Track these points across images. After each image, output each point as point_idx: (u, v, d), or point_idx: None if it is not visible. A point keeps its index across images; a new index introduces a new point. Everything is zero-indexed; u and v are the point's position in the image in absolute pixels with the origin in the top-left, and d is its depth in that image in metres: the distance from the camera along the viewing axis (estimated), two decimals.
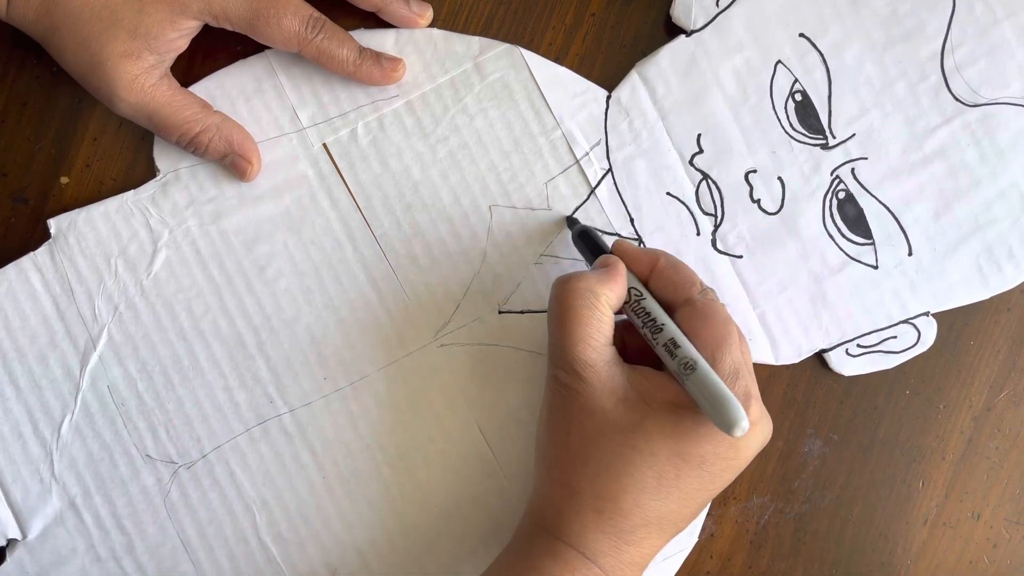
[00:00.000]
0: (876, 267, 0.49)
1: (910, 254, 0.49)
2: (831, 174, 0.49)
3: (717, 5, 0.49)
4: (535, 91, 0.49)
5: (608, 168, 0.49)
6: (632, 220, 0.49)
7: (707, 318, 0.42)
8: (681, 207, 0.49)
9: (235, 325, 0.49)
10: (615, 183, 0.49)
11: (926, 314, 0.49)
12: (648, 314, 0.43)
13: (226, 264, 0.49)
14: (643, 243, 0.49)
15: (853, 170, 0.49)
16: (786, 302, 0.49)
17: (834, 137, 0.49)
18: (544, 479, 0.43)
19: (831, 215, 0.49)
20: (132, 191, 0.49)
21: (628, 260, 0.44)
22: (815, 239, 0.49)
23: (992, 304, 0.50)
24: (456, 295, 0.49)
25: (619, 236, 0.49)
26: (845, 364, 0.50)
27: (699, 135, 0.49)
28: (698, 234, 0.49)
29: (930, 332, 0.49)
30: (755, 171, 0.49)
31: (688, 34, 0.49)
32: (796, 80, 0.49)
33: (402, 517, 0.49)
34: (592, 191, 0.49)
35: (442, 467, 0.49)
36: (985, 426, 0.50)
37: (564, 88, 0.49)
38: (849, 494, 0.50)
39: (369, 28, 0.49)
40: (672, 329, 0.42)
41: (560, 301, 0.43)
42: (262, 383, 0.49)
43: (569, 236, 0.48)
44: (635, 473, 0.40)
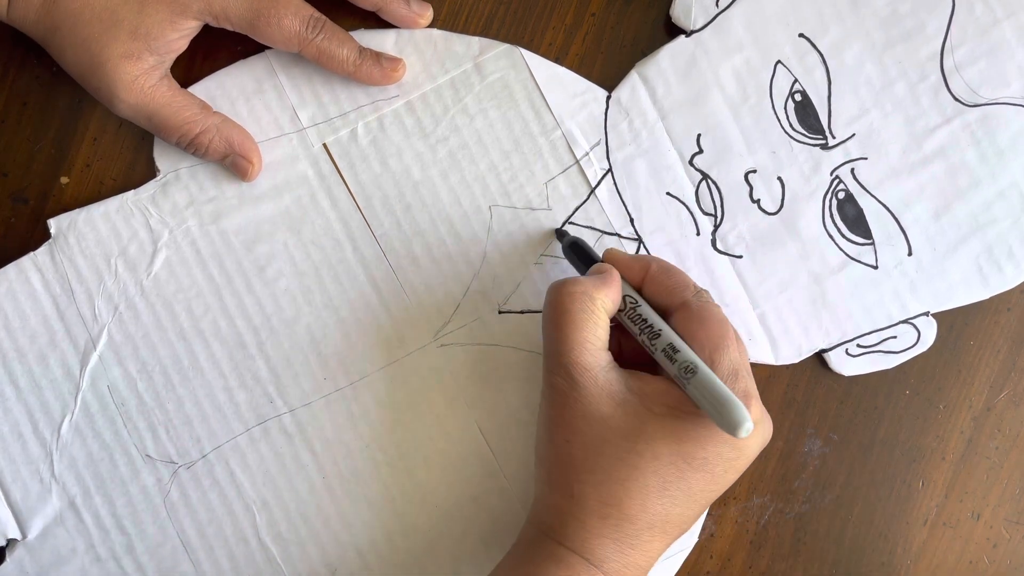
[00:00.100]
0: (876, 267, 0.49)
1: (910, 254, 0.49)
2: (831, 174, 0.49)
3: (717, 5, 0.49)
4: (535, 91, 0.49)
5: (608, 168, 0.49)
6: (632, 220, 0.49)
7: (703, 320, 0.42)
8: (681, 207, 0.49)
9: (235, 325, 0.49)
10: (615, 183, 0.49)
11: (926, 314, 0.49)
12: (645, 320, 0.42)
13: (226, 264, 0.49)
14: (643, 243, 0.49)
15: (853, 170, 0.49)
16: (786, 302, 0.49)
17: (834, 137, 0.49)
18: (545, 487, 0.43)
19: (831, 215, 0.49)
20: (132, 191, 0.49)
21: (620, 268, 0.44)
22: (815, 239, 0.49)
23: (992, 304, 0.50)
24: (456, 295, 0.49)
25: (619, 236, 0.49)
26: (845, 364, 0.50)
27: (699, 135, 0.49)
28: (698, 234, 0.49)
29: (930, 332, 0.49)
30: (755, 171, 0.49)
31: (688, 34, 0.49)
32: (796, 80, 0.49)
33: (402, 517, 0.49)
34: (592, 191, 0.49)
35: (442, 467, 0.49)
36: (985, 426, 0.50)
37: (564, 88, 0.49)
38: (849, 494, 0.50)
39: (369, 28, 0.49)
40: (670, 334, 0.42)
41: (556, 305, 0.42)
42: (262, 383, 0.49)
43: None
44: (639, 478, 0.40)
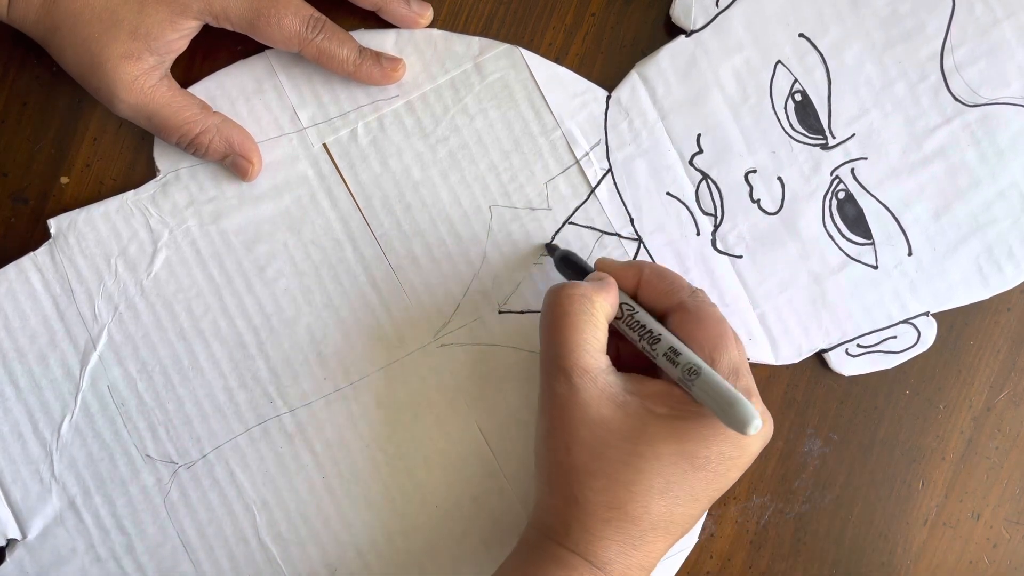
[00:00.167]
0: (876, 267, 0.49)
1: (910, 254, 0.49)
2: (831, 174, 0.49)
3: (717, 5, 0.49)
4: (535, 91, 0.49)
5: (608, 168, 0.49)
6: (632, 220, 0.49)
7: (700, 320, 0.42)
8: (681, 207, 0.49)
9: (235, 325, 0.49)
10: (615, 183, 0.49)
11: (926, 314, 0.49)
12: (643, 326, 0.42)
13: (226, 264, 0.49)
14: (643, 243, 0.49)
15: (853, 170, 0.49)
16: (786, 302, 0.49)
17: (834, 137, 0.49)
18: (546, 491, 0.43)
19: (831, 215, 0.49)
20: (132, 191, 0.49)
21: (613, 275, 0.44)
22: (815, 239, 0.49)
23: (992, 304, 0.50)
24: (456, 295, 0.49)
25: (619, 236, 0.49)
26: (845, 364, 0.50)
27: (699, 135, 0.49)
28: (698, 234, 0.49)
29: (930, 332, 0.49)
30: (755, 171, 0.49)
31: (688, 34, 0.49)
32: (796, 80, 0.49)
33: (402, 517, 0.48)
34: (592, 191, 0.49)
35: (442, 467, 0.49)
36: (985, 426, 0.50)
37: (564, 88, 0.49)
38: (849, 494, 0.50)
39: (369, 28, 0.49)
40: (669, 338, 0.42)
41: (554, 308, 0.42)
42: (262, 383, 0.49)
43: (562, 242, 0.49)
44: (642, 480, 0.40)
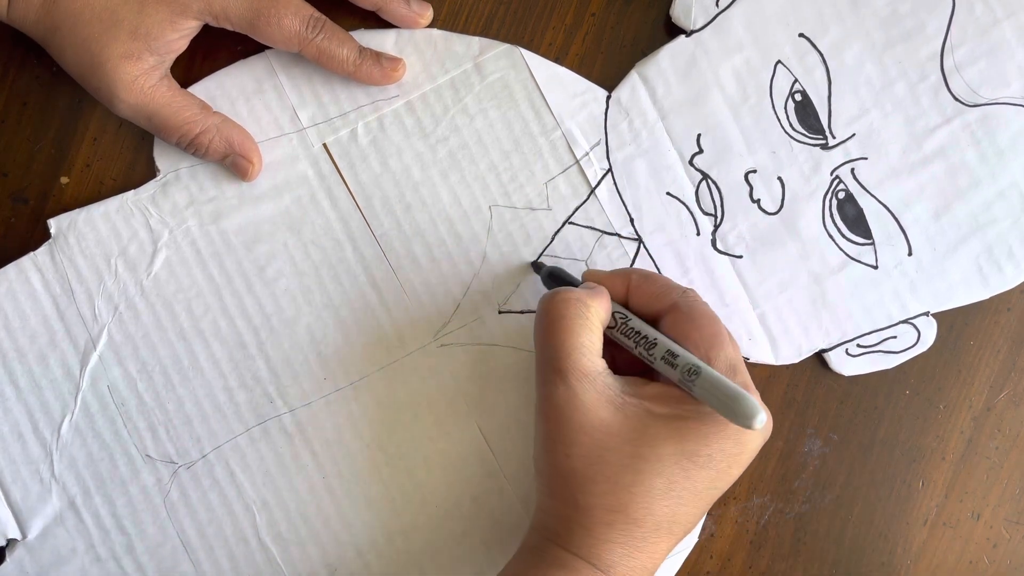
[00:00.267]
0: (876, 267, 0.49)
1: (910, 254, 0.49)
2: (831, 174, 0.49)
3: (717, 5, 0.49)
4: (535, 91, 0.49)
5: (608, 168, 0.49)
6: (632, 220, 0.49)
7: (694, 319, 0.42)
8: (681, 207, 0.49)
9: (235, 325, 0.49)
10: (615, 183, 0.49)
11: (926, 314, 0.49)
12: (638, 333, 0.42)
13: (226, 264, 0.49)
14: (643, 243, 0.49)
15: (853, 170, 0.49)
16: (786, 302, 0.49)
17: (834, 137, 0.49)
18: (548, 496, 0.43)
19: (831, 215, 0.49)
20: (132, 191, 0.49)
21: (602, 285, 0.44)
22: (815, 239, 0.49)
23: (992, 304, 0.50)
24: (456, 295, 0.49)
25: (619, 236, 0.49)
26: (845, 364, 0.50)
27: (699, 135, 0.49)
28: (698, 234, 0.49)
29: (930, 332, 0.49)
30: (755, 171, 0.49)
31: (688, 34, 0.49)
32: (796, 80, 0.49)
33: (402, 517, 0.48)
34: (592, 191, 0.49)
35: (442, 467, 0.49)
36: (985, 426, 0.50)
37: (564, 88, 0.49)
38: (849, 494, 0.50)
39: (369, 28, 0.49)
40: (665, 341, 0.42)
41: (550, 312, 0.42)
42: (262, 383, 0.49)
43: (558, 242, 0.49)
44: (644, 481, 0.40)
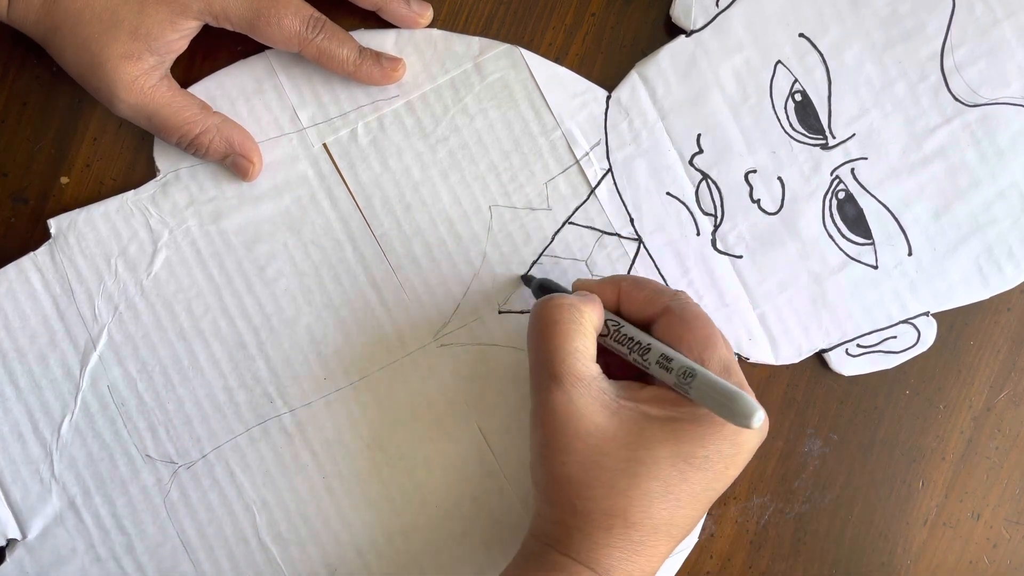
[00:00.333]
0: (876, 267, 0.49)
1: (910, 254, 0.49)
2: (831, 174, 0.49)
3: (717, 5, 0.49)
4: (535, 91, 0.49)
5: (608, 168, 0.49)
6: (632, 220, 0.49)
7: (686, 322, 0.42)
8: (681, 207, 0.49)
9: (235, 325, 0.49)
10: (615, 183, 0.49)
11: (926, 314, 0.49)
12: (631, 339, 0.43)
13: (226, 264, 0.49)
14: (643, 243, 0.49)
15: (853, 170, 0.49)
16: (786, 302, 0.49)
17: (834, 137, 0.49)
18: (545, 502, 0.42)
19: (831, 215, 0.49)
20: (132, 191, 0.49)
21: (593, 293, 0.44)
22: (815, 239, 0.49)
23: (992, 304, 0.50)
24: (456, 295, 0.49)
25: (619, 236, 0.49)
26: (845, 364, 0.50)
27: (699, 135, 0.49)
28: (698, 234, 0.49)
29: (930, 332, 0.49)
30: (755, 171, 0.49)
31: (688, 34, 0.49)
32: (796, 80, 0.49)
33: (402, 517, 0.49)
34: (592, 191, 0.49)
35: (442, 467, 0.49)
36: (985, 426, 0.50)
37: (564, 88, 0.49)
38: (849, 494, 0.50)
39: (369, 28, 0.49)
40: (659, 346, 0.42)
41: (544, 317, 0.42)
42: (262, 383, 0.49)
43: (556, 242, 0.49)
44: (641, 485, 0.40)
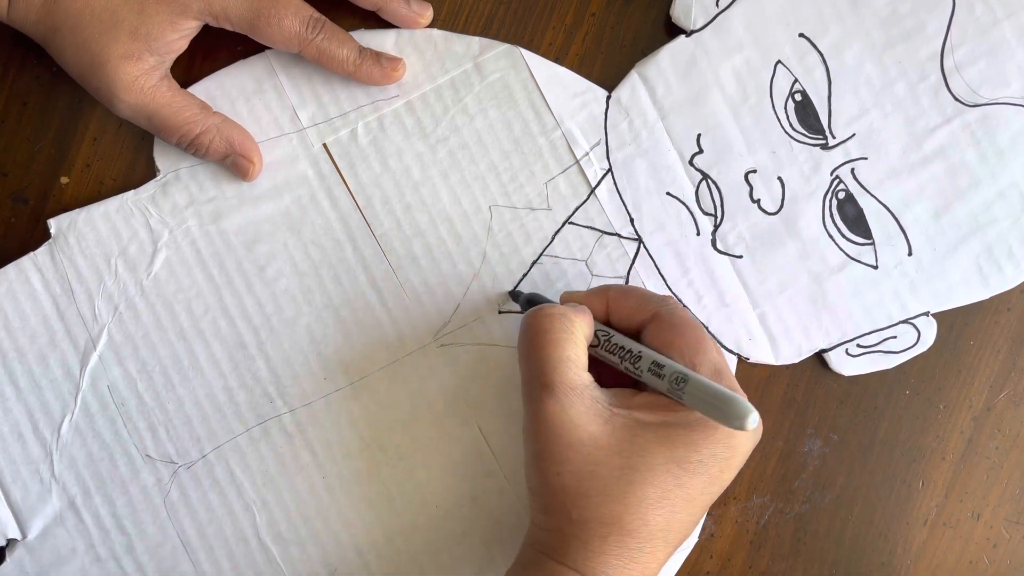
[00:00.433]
0: (876, 267, 0.49)
1: (910, 254, 0.49)
2: (831, 174, 0.49)
3: (717, 5, 0.49)
4: (535, 91, 0.49)
5: (608, 168, 0.49)
6: (632, 220, 0.49)
7: (675, 327, 0.42)
8: (681, 207, 0.49)
9: (235, 325, 0.49)
10: (615, 183, 0.49)
11: (926, 314, 0.49)
12: (622, 348, 0.42)
13: (226, 264, 0.49)
14: (643, 243, 0.49)
15: (853, 170, 0.49)
16: (786, 302, 0.49)
17: (834, 137, 0.49)
18: (541, 513, 0.42)
19: (831, 215, 0.49)
20: (132, 191, 0.49)
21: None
22: (815, 239, 0.49)
23: (992, 304, 0.50)
24: (456, 295, 0.49)
25: (619, 236, 0.49)
26: (845, 364, 0.50)
27: (699, 135, 0.49)
28: (698, 234, 0.49)
29: (930, 332, 0.49)
30: (755, 171, 0.49)
31: (688, 34, 0.49)
32: (796, 80, 0.49)
33: (402, 517, 0.49)
34: (592, 191, 0.49)
35: (442, 467, 0.49)
36: (985, 426, 0.50)
37: (564, 88, 0.49)
38: (849, 494, 0.50)
39: (369, 28, 0.49)
40: (650, 353, 0.42)
41: (534, 327, 0.42)
42: (262, 383, 0.49)
43: (556, 241, 0.49)
44: (636, 491, 0.40)
